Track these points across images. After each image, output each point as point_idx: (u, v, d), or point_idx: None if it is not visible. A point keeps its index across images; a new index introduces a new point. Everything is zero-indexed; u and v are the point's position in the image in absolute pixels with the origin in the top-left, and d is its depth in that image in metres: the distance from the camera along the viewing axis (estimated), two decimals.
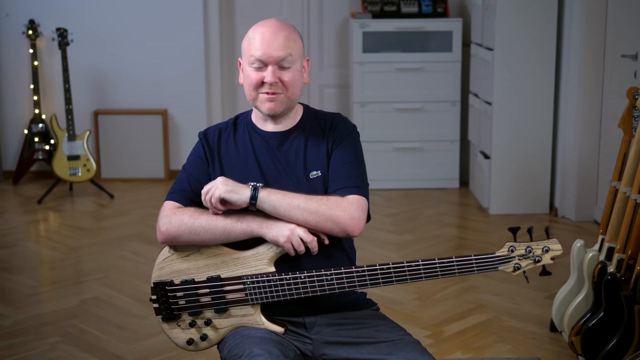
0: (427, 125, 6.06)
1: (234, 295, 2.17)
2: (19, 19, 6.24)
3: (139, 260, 4.61)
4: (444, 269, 2.08)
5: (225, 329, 2.20)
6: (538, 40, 5.28)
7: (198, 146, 2.31)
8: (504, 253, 2.10)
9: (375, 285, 2.12)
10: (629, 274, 3.05)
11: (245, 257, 2.17)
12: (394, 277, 2.10)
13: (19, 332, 3.66)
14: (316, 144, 2.25)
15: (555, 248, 2.10)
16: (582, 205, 5.23)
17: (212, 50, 6.40)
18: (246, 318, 2.18)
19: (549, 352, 3.41)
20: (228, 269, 2.17)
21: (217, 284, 2.17)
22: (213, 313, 2.19)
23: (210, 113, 6.46)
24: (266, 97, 2.20)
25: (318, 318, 2.23)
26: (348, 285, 2.12)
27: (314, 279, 2.12)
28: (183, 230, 2.16)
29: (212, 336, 2.21)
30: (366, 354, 2.15)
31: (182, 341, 2.24)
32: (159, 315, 2.24)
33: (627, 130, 3.33)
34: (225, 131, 2.31)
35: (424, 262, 2.09)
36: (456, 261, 2.08)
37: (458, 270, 2.08)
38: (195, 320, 2.21)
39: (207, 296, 2.18)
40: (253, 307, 2.17)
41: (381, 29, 6.01)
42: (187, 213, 2.18)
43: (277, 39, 2.18)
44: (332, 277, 2.11)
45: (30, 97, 6.29)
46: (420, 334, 3.55)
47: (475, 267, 2.08)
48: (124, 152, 6.40)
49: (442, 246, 4.84)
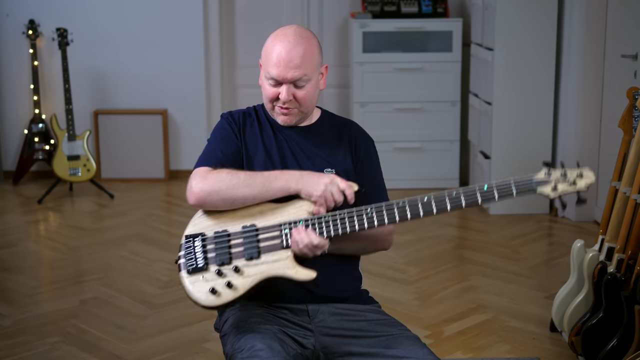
0: (427, 126, 6.06)
1: (268, 242, 2.14)
2: (19, 19, 6.24)
3: (139, 260, 4.61)
4: (484, 194, 2.11)
5: (254, 277, 2.10)
6: (538, 40, 5.28)
7: (224, 123, 2.33)
8: (541, 177, 2.11)
9: (415, 217, 2.12)
10: (629, 274, 3.05)
11: (284, 206, 2.17)
12: (435, 206, 2.11)
13: (19, 332, 3.66)
14: (331, 144, 2.32)
15: (589, 175, 2.12)
16: (582, 205, 5.22)
17: (212, 50, 6.40)
18: (277, 264, 2.12)
19: (549, 352, 3.41)
20: (265, 219, 2.15)
21: (251, 231, 2.14)
22: (243, 261, 2.12)
23: (210, 113, 6.46)
24: (280, 111, 2.28)
25: (321, 306, 2.24)
26: (388, 218, 2.12)
27: (354, 215, 2.12)
28: (220, 187, 2.13)
29: (238, 284, 2.09)
30: (367, 347, 2.18)
31: (204, 293, 2.09)
32: (184, 270, 2.13)
33: (627, 130, 3.33)
34: (250, 117, 2.36)
35: (464, 189, 2.12)
36: (496, 186, 2.10)
37: (498, 194, 2.10)
38: (222, 269, 2.11)
39: (240, 246, 2.13)
40: (286, 252, 2.13)
41: (381, 29, 6.01)
42: (224, 171, 2.18)
43: (293, 58, 2.20)
44: (372, 212, 2.13)
45: (30, 97, 6.29)
46: (420, 334, 3.54)
47: (514, 189, 2.10)
48: (124, 152, 6.40)
49: (442, 246, 4.84)
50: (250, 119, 2.36)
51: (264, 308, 2.23)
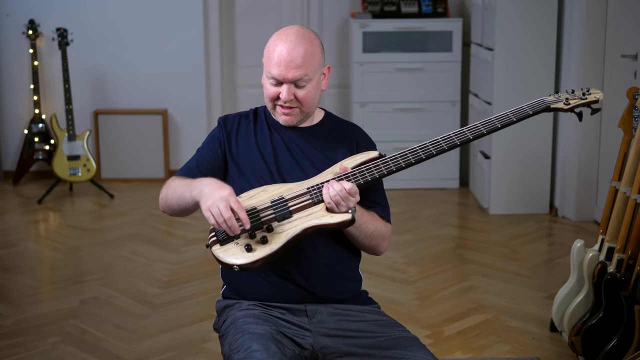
0: (427, 126, 6.06)
1: (299, 204, 2.13)
2: (19, 19, 6.24)
3: (139, 260, 4.60)
4: (501, 119, 2.22)
5: (288, 231, 2.09)
6: (538, 40, 5.28)
7: (216, 130, 2.38)
8: (550, 98, 2.27)
9: (452, 146, 2.19)
10: (629, 274, 3.05)
11: (310, 180, 2.19)
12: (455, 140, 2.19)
13: (19, 332, 3.66)
14: (333, 146, 2.32)
15: (597, 91, 2.26)
16: (582, 205, 5.23)
17: (212, 50, 6.40)
18: (310, 216, 2.12)
19: (549, 352, 3.41)
20: (293, 192, 2.16)
21: (280, 201, 2.14)
22: (276, 223, 2.11)
23: (210, 113, 6.46)
24: (282, 111, 2.28)
25: (320, 307, 2.25)
26: (414, 158, 2.18)
27: (379, 164, 2.18)
28: (165, 195, 2.28)
29: (273, 239, 2.07)
30: (365, 347, 2.18)
31: (238, 253, 2.06)
32: (215, 244, 2.10)
33: (627, 130, 3.33)
34: (246, 118, 2.38)
35: (482, 122, 2.22)
36: (510, 112, 2.23)
37: (515, 117, 2.22)
38: (255, 233, 2.09)
39: (271, 214, 2.12)
40: (318, 206, 2.12)
41: (381, 29, 6.01)
42: (175, 180, 2.27)
43: (295, 58, 2.20)
44: (397, 156, 2.19)
45: (30, 97, 6.29)
46: (420, 334, 3.54)
47: (529, 109, 2.24)
48: (124, 152, 6.40)
49: (442, 246, 4.84)
50: (247, 121, 2.37)
51: (262, 308, 2.23)
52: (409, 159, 2.18)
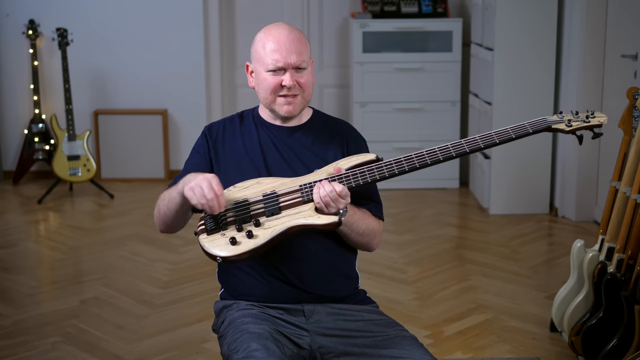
0: (427, 125, 6.06)
1: (289, 201, 2.13)
2: (19, 19, 6.24)
3: (138, 260, 4.60)
4: (501, 135, 2.17)
5: (274, 227, 2.08)
6: (538, 40, 5.28)
7: (200, 139, 2.37)
8: (554, 118, 2.20)
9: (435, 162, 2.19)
10: (629, 274, 3.05)
11: (304, 177, 2.18)
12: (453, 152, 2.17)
13: (19, 332, 3.66)
14: (323, 144, 2.32)
15: (601, 115, 2.20)
16: (582, 205, 5.23)
17: (212, 50, 6.40)
18: (298, 214, 2.11)
19: (549, 352, 3.41)
20: (286, 187, 2.16)
21: (272, 195, 2.14)
22: (264, 217, 2.11)
23: (210, 113, 6.46)
24: (284, 101, 2.27)
25: (317, 306, 2.24)
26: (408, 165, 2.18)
27: (373, 168, 2.17)
28: (157, 208, 2.30)
29: (259, 234, 2.06)
30: (363, 347, 2.17)
31: (223, 245, 2.06)
32: (203, 233, 2.11)
33: (627, 130, 3.33)
34: (231, 123, 2.37)
35: (480, 136, 2.17)
36: (511, 128, 2.17)
37: (515, 134, 2.15)
38: (243, 226, 2.08)
39: (261, 208, 2.12)
40: (307, 205, 2.12)
41: (381, 29, 6.01)
42: (163, 195, 2.28)
43: (293, 43, 2.23)
44: (391, 163, 2.18)
45: (30, 97, 6.29)
46: (420, 334, 3.55)
47: (530, 128, 2.16)
48: (124, 152, 6.40)
49: (442, 246, 4.84)
50: (232, 125, 2.36)
51: (259, 308, 2.23)
52: (404, 166, 2.18)
